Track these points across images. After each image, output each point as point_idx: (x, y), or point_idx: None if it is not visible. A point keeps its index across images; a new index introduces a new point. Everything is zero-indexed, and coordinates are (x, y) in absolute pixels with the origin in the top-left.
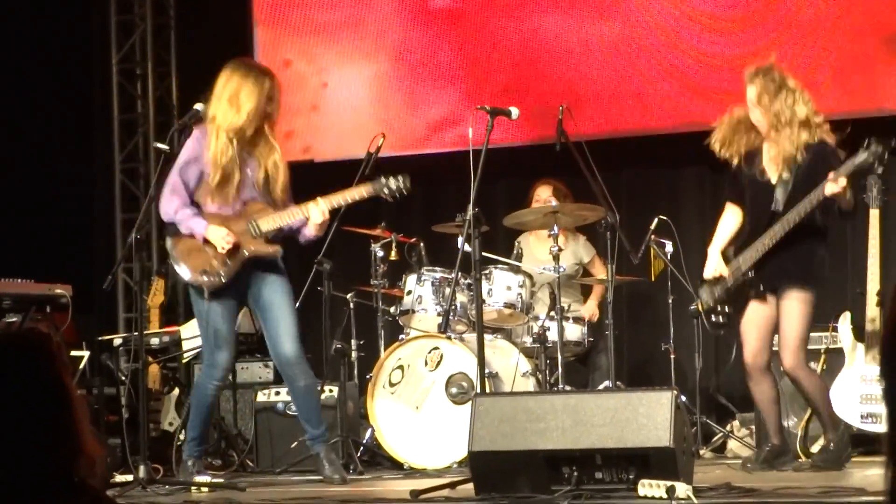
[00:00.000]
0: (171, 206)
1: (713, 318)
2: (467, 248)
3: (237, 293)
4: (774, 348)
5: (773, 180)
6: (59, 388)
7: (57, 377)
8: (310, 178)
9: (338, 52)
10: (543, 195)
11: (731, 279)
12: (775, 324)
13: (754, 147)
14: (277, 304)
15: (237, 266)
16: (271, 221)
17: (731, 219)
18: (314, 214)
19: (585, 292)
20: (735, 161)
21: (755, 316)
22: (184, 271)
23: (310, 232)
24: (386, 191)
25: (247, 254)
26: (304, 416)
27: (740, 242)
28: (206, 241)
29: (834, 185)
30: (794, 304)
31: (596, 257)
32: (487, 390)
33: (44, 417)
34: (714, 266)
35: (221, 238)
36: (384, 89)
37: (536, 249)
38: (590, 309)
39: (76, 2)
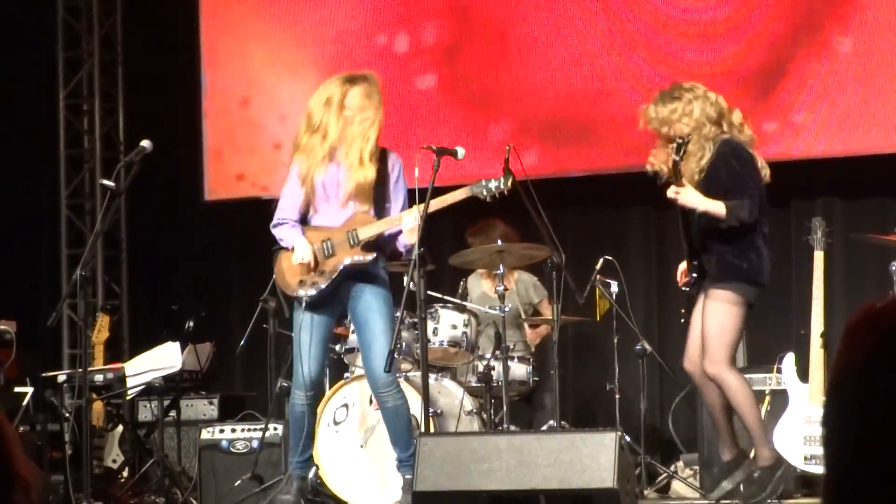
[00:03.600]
0: (275, 217)
1: (682, 321)
2: (412, 286)
3: (336, 306)
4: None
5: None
6: None
7: None
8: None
9: (285, 89)
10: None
11: (692, 279)
12: None
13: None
14: (372, 322)
15: (333, 276)
16: (369, 230)
17: None
18: (406, 221)
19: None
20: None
21: (692, 321)
22: (283, 284)
23: (405, 239)
24: (485, 192)
25: (342, 265)
26: (393, 439)
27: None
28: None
29: (671, 190)
30: (713, 303)
31: (546, 299)
32: (432, 430)
33: None
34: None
35: (297, 259)
36: None
37: (486, 288)
38: (532, 334)
39: (23, 37)
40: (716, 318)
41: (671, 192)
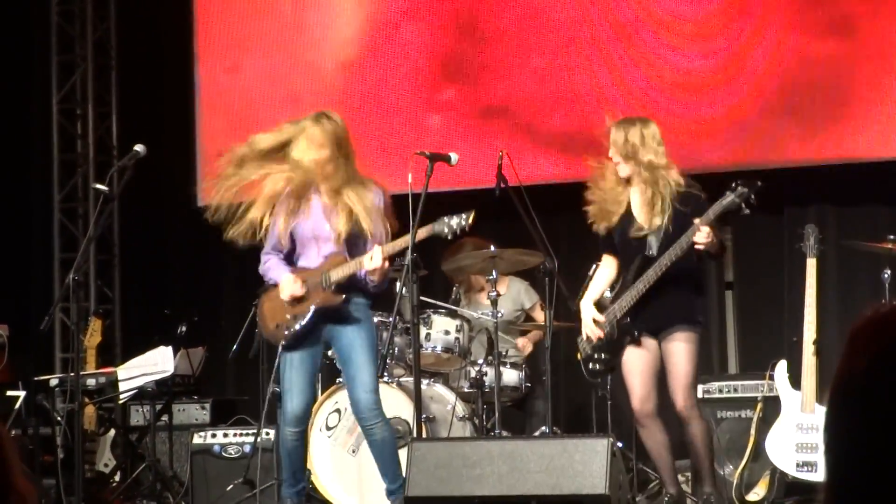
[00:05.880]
0: (262, 259)
1: (591, 367)
2: (405, 292)
3: (315, 343)
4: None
5: (646, 227)
6: None
7: None
8: None
9: (278, 94)
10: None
11: (606, 326)
12: (658, 368)
13: (624, 202)
14: (354, 357)
15: (307, 318)
16: (339, 272)
17: (606, 270)
18: (367, 263)
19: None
20: (604, 229)
21: (635, 362)
22: (263, 328)
23: (370, 278)
24: (446, 230)
25: (313, 307)
26: (382, 470)
27: (616, 290)
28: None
29: (700, 234)
30: (680, 345)
31: (538, 304)
32: (424, 435)
33: None
34: (588, 318)
35: (284, 294)
36: None
37: (478, 294)
38: (524, 341)
39: (17, 41)
40: (688, 359)
41: (706, 237)
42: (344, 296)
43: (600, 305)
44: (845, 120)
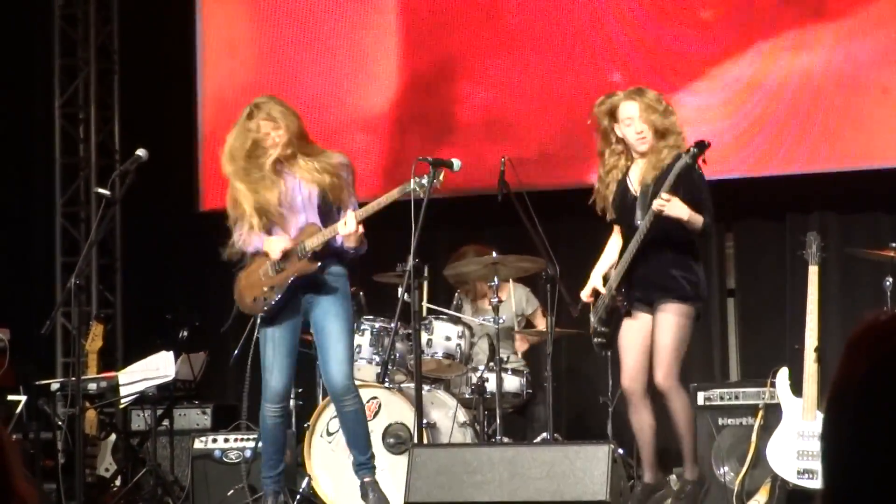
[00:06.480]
0: (235, 237)
1: (595, 340)
2: (407, 297)
3: (293, 316)
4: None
5: (637, 195)
6: None
7: None
8: None
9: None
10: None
11: (606, 299)
12: (651, 344)
13: (622, 173)
14: (329, 329)
15: (284, 289)
16: (314, 240)
17: (614, 241)
18: (341, 228)
19: None
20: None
21: (628, 336)
22: (239, 303)
23: (347, 244)
24: (417, 188)
25: (290, 277)
26: (350, 442)
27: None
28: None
29: (658, 201)
30: (667, 316)
31: (539, 310)
32: (425, 441)
33: None
34: (589, 288)
35: (276, 254)
36: (327, 137)
37: (481, 300)
38: (519, 340)
39: (20, 44)
40: (671, 332)
41: (659, 204)
42: (320, 263)
43: (606, 277)
44: (849, 128)
